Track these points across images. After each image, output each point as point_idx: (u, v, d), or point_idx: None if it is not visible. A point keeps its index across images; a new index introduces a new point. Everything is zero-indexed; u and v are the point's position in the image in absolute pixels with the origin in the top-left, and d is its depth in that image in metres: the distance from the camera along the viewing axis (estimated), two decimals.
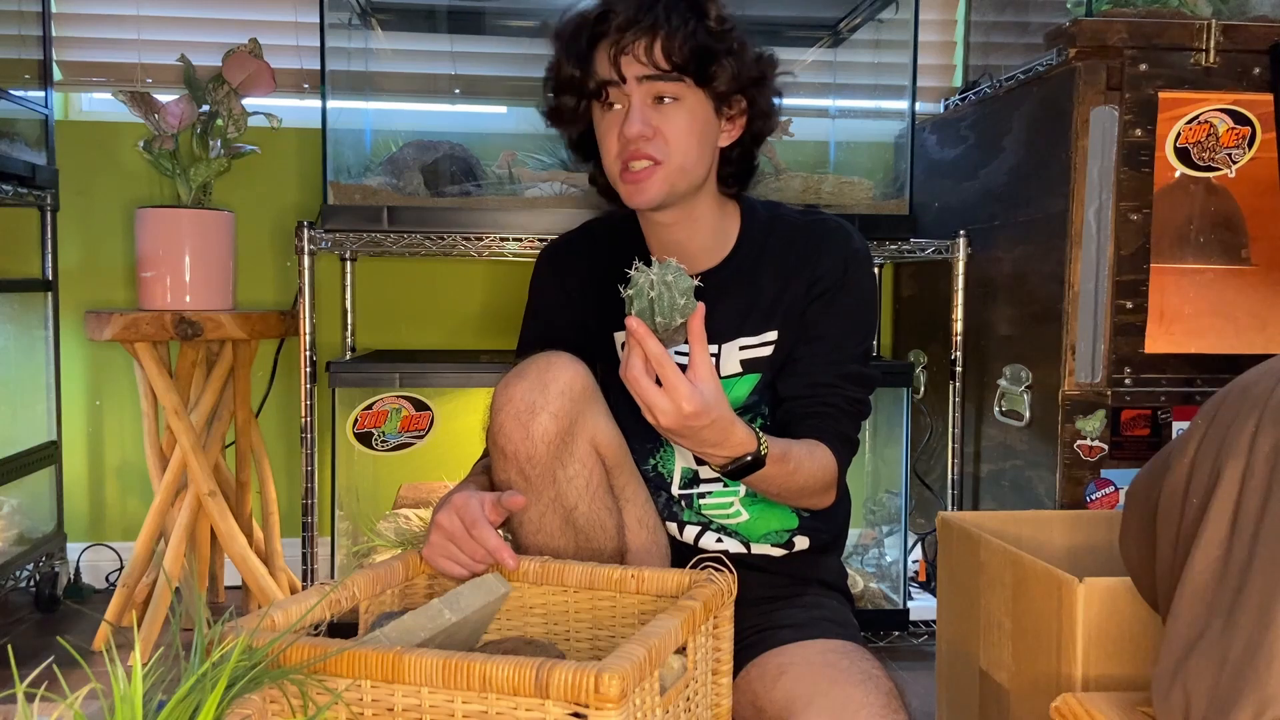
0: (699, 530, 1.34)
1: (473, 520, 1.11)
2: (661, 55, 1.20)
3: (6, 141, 2.05)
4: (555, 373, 1.19)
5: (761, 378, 1.33)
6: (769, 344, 1.32)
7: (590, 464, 1.22)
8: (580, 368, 1.22)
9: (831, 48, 2.43)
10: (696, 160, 1.25)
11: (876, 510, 2.35)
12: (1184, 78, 1.71)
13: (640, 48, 1.19)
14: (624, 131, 1.22)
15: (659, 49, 1.19)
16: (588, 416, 1.22)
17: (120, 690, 0.68)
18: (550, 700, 0.78)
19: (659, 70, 1.20)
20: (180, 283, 2.00)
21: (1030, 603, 1.23)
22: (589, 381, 1.23)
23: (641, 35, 1.19)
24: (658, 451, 1.35)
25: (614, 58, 1.20)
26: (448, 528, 1.13)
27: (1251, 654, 0.82)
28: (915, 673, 1.88)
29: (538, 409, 1.17)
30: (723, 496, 1.34)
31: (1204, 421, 0.96)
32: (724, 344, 1.33)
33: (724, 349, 1.33)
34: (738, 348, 1.32)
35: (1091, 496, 1.73)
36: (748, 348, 1.33)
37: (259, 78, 2.04)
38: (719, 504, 1.34)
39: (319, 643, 0.86)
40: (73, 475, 2.37)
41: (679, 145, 1.23)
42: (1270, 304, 1.74)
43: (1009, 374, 1.91)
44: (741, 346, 1.32)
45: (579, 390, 1.20)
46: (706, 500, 1.34)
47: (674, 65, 1.20)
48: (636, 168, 1.23)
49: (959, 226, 2.06)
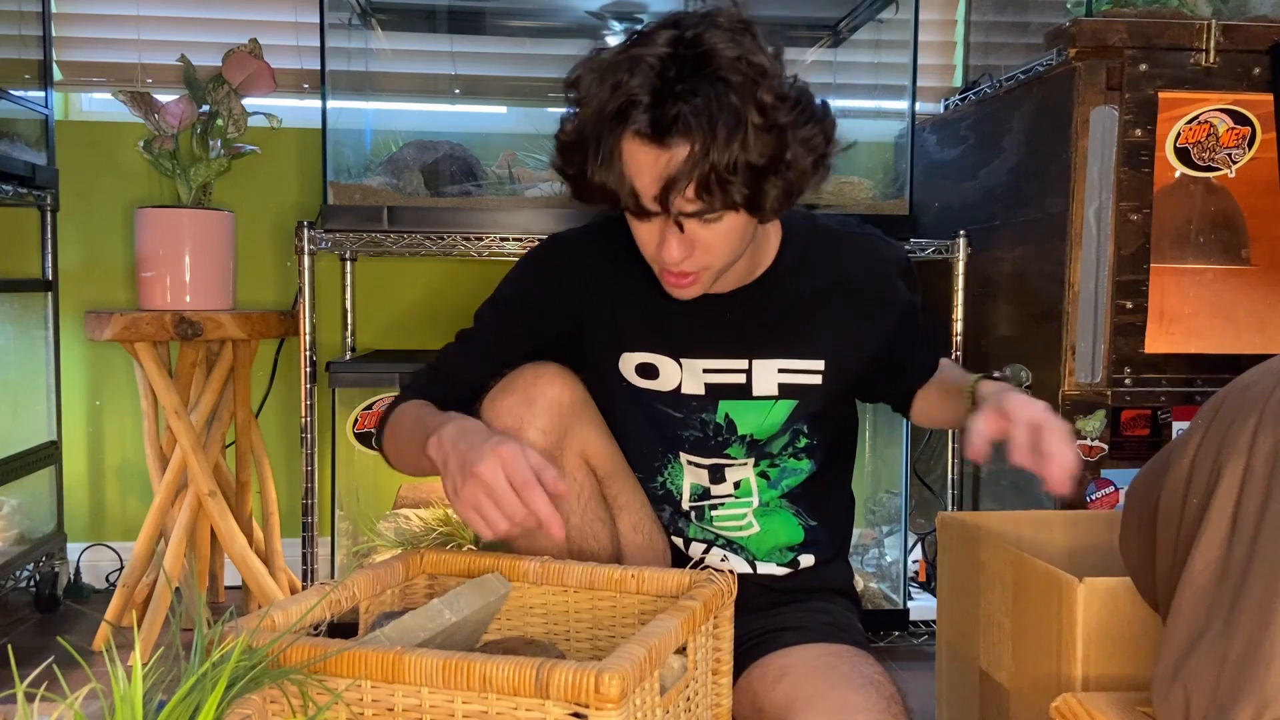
0: (705, 547, 1.33)
1: (523, 482, 0.99)
2: (701, 194, 1.03)
3: (6, 141, 2.05)
4: (542, 387, 1.18)
5: (800, 404, 1.28)
6: (814, 372, 1.27)
7: (580, 476, 1.22)
8: (568, 380, 1.20)
9: (831, 48, 2.43)
10: (738, 254, 1.16)
11: (876, 510, 2.35)
12: (1184, 78, 1.71)
13: (680, 184, 1.03)
14: (660, 255, 1.11)
15: (698, 186, 1.03)
16: (576, 429, 1.21)
17: (120, 690, 0.68)
18: (550, 700, 0.78)
19: (700, 208, 1.06)
20: (180, 283, 2.00)
21: (1030, 603, 1.23)
22: (577, 393, 1.21)
23: (683, 170, 1.02)
24: (666, 469, 1.33)
25: (651, 187, 1.05)
26: (490, 481, 0.99)
27: (1251, 654, 0.82)
28: (915, 673, 1.88)
29: (525, 425, 1.16)
30: (735, 508, 1.32)
31: (1204, 421, 0.96)
32: (757, 359, 1.26)
33: (756, 365, 1.27)
34: (776, 369, 1.27)
35: (1091, 496, 1.73)
36: (788, 371, 1.27)
37: (259, 78, 2.04)
38: (730, 515, 1.32)
39: (319, 643, 0.86)
40: (73, 475, 2.37)
41: (720, 254, 1.12)
42: (1270, 304, 1.74)
43: (1009, 374, 1.91)
44: (780, 369, 1.27)
45: (566, 404, 1.19)
46: (718, 512, 1.32)
47: (720, 205, 1.05)
48: (674, 272, 1.14)
49: (959, 226, 2.06)
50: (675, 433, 1.29)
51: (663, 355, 1.27)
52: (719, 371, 1.26)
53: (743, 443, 1.29)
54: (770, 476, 1.31)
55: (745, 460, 1.30)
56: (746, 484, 1.31)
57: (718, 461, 1.30)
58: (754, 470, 1.31)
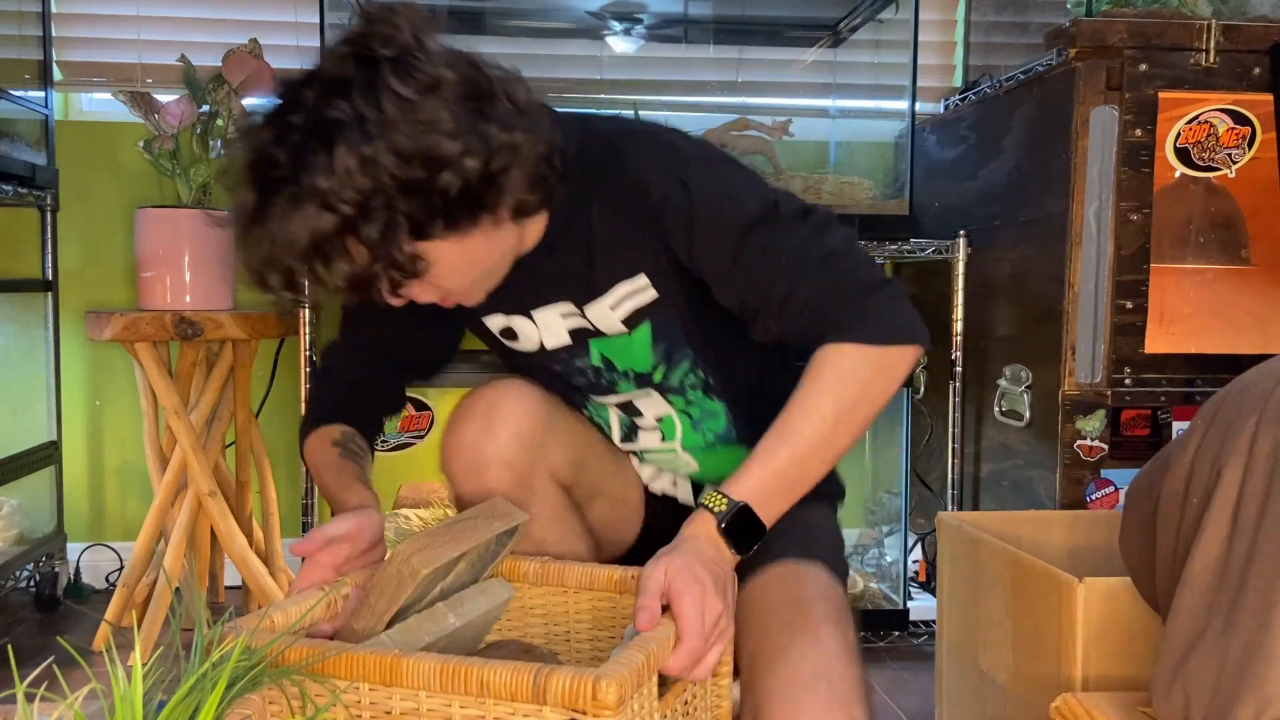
0: (653, 471, 1.30)
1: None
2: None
3: (6, 141, 2.05)
4: (504, 415, 1.12)
5: (654, 324, 1.15)
6: (643, 290, 1.12)
7: (550, 495, 1.18)
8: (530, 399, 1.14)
9: (831, 48, 2.43)
10: (492, 261, 1.06)
11: (876, 510, 2.35)
12: (1184, 78, 1.71)
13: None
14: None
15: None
16: (543, 453, 1.15)
17: (120, 690, 0.68)
18: (548, 706, 0.78)
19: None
20: (180, 283, 2.00)
21: (1030, 603, 1.23)
22: (540, 412, 1.15)
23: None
24: (585, 408, 1.27)
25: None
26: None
27: (1251, 654, 0.82)
28: (915, 673, 1.88)
29: (490, 461, 1.11)
30: (664, 454, 1.27)
31: (1204, 421, 0.96)
32: (586, 305, 1.15)
33: (589, 310, 1.15)
34: (608, 308, 1.14)
35: (1091, 496, 1.73)
36: (620, 303, 1.14)
37: (259, 78, 2.04)
38: (663, 458, 1.28)
39: (318, 644, 0.86)
40: (73, 475, 2.37)
41: (461, 277, 1.05)
42: (1270, 304, 1.74)
43: (1009, 374, 1.91)
44: (611, 306, 1.14)
45: (527, 432, 1.13)
46: (651, 455, 1.29)
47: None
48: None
49: (959, 226, 2.06)
50: (568, 382, 1.24)
51: (514, 315, 1.19)
52: (568, 316, 1.17)
53: (628, 378, 1.20)
54: (692, 416, 1.23)
55: (642, 392, 1.21)
56: (669, 421, 1.24)
57: (620, 398, 1.24)
58: (674, 409, 1.23)
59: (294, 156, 0.92)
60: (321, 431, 1.24)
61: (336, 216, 0.92)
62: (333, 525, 1.07)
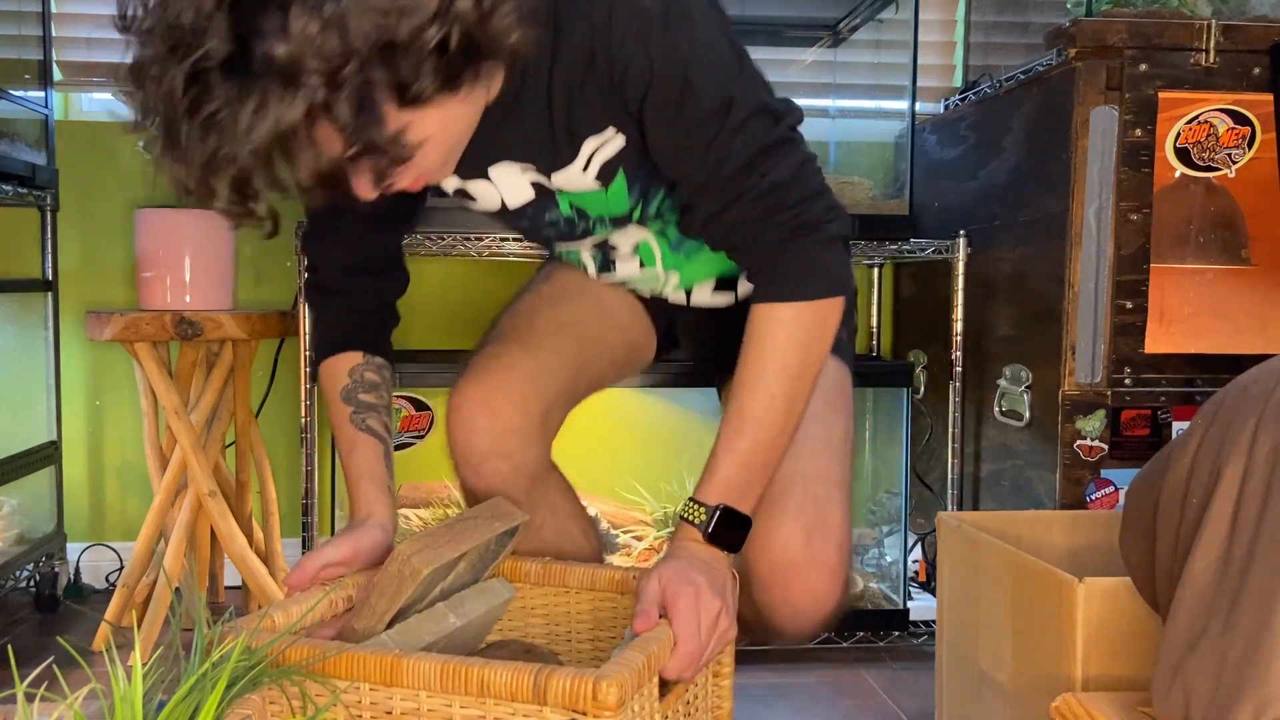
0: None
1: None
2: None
3: (6, 141, 2.05)
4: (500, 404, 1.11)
5: (625, 170, 1.06)
6: (611, 140, 1.03)
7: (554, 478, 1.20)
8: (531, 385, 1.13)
9: (831, 48, 2.43)
10: (460, 143, 0.94)
11: (876, 510, 2.35)
12: (1184, 78, 1.71)
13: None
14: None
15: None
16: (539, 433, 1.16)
17: (120, 690, 0.68)
18: (548, 707, 0.78)
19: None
20: (180, 283, 2.00)
21: (1030, 603, 1.23)
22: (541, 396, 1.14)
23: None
24: (557, 251, 1.27)
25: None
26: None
27: (1251, 654, 0.82)
28: (915, 673, 1.87)
29: (487, 454, 1.12)
30: (645, 279, 1.24)
31: (1204, 421, 0.96)
32: (554, 173, 1.07)
33: (555, 178, 1.07)
34: (579, 170, 1.05)
35: (1091, 496, 1.73)
36: (590, 164, 1.05)
37: None
38: (645, 283, 1.26)
39: (319, 643, 0.86)
40: (73, 475, 2.37)
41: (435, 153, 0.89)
42: (1270, 304, 1.74)
43: (1009, 374, 1.91)
44: (583, 168, 1.05)
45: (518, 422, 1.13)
46: (633, 283, 1.27)
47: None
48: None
49: (959, 226, 2.06)
50: (539, 235, 1.19)
51: (470, 179, 1.10)
52: (528, 172, 1.08)
53: (604, 222, 1.14)
54: (669, 238, 1.18)
55: (622, 230, 1.16)
56: (646, 246, 1.19)
57: (595, 239, 1.19)
58: (651, 233, 1.17)
59: (234, 26, 0.72)
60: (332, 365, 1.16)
61: (301, 93, 0.73)
62: (327, 550, 1.05)
